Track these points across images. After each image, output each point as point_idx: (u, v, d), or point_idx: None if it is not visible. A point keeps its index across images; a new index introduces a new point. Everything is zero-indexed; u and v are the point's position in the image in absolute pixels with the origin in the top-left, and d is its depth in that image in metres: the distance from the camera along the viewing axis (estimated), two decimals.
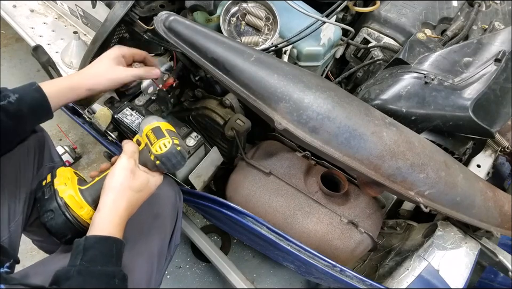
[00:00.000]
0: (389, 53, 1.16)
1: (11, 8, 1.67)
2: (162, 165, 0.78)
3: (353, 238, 1.01)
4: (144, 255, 0.82)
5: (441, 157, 0.82)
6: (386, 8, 1.19)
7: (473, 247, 0.94)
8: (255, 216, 0.94)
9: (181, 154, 0.78)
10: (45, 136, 0.96)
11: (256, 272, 1.56)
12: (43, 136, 0.95)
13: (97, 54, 1.00)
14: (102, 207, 0.70)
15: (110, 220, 0.69)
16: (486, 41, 1.01)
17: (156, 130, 0.80)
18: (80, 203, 0.74)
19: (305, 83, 0.77)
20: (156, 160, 0.77)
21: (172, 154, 0.77)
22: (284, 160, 1.10)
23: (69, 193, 0.74)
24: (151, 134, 0.79)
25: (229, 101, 1.07)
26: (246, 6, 1.04)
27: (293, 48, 1.08)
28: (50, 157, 0.96)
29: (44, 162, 0.94)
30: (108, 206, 0.70)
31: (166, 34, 0.83)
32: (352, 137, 0.75)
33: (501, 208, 0.88)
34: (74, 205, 0.73)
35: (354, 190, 1.08)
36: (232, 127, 1.03)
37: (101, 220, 0.69)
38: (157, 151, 0.76)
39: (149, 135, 0.79)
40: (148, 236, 0.86)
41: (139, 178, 0.75)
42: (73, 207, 0.73)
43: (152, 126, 0.80)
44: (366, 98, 0.99)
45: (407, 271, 0.92)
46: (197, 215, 1.69)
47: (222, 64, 0.79)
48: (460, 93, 0.92)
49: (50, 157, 0.97)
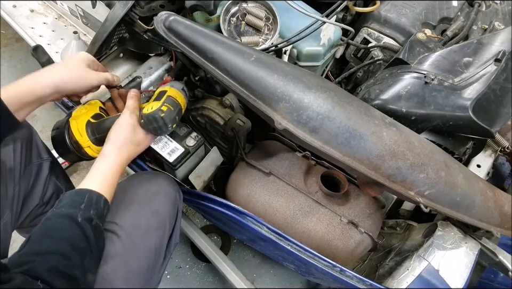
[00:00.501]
0: (389, 53, 1.16)
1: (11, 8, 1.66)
2: (144, 124, 0.83)
3: (353, 238, 1.01)
4: (140, 249, 0.83)
5: (441, 157, 0.82)
6: (386, 8, 1.19)
7: (473, 247, 0.94)
8: (255, 216, 0.94)
9: (163, 121, 0.82)
10: (32, 133, 0.95)
11: (256, 272, 1.56)
12: (30, 133, 0.95)
13: (97, 54, 1.00)
14: (107, 154, 0.80)
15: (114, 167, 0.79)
16: (486, 41, 1.01)
17: (161, 93, 0.86)
18: (80, 131, 0.85)
19: (305, 83, 0.77)
20: (141, 118, 0.83)
21: (153, 118, 0.81)
22: (283, 160, 1.10)
23: (76, 120, 0.86)
24: (155, 95, 0.87)
25: (229, 101, 1.07)
26: (246, 6, 1.04)
27: (293, 48, 1.08)
28: (38, 154, 0.96)
29: (32, 159, 0.94)
30: (113, 154, 0.80)
31: (166, 34, 0.83)
32: (352, 137, 0.75)
33: (501, 208, 0.88)
34: (75, 130, 0.85)
35: (354, 190, 1.08)
36: (232, 127, 1.03)
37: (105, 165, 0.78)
38: (144, 110, 0.83)
39: (154, 95, 0.87)
40: (146, 231, 0.86)
41: (139, 132, 0.85)
42: (74, 131, 0.85)
43: (162, 89, 0.88)
44: (366, 98, 0.99)
45: (407, 271, 0.92)
46: (197, 215, 1.69)
47: (222, 64, 0.79)
48: (459, 93, 0.92)
49: (38, 153, 0.96)
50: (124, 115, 0.85)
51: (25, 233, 1.10)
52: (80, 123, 0.86)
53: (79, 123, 0.85)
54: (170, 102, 0.84)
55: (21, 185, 0.90)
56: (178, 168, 1.02)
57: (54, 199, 1.01)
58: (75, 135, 0.85)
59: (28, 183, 0.93)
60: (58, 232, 0.66)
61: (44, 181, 0.97)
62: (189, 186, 1.10)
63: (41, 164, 0.96)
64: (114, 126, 0.84)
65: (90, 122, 0.87)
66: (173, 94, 0.87)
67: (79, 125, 0.85)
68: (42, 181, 0.97)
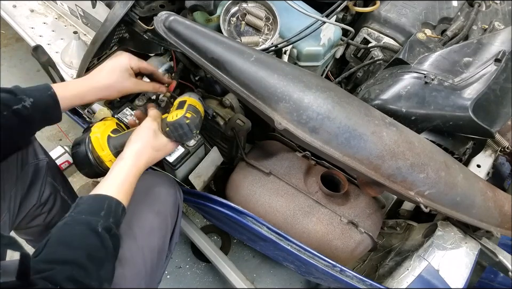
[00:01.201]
0: (389, 53, 1.16)
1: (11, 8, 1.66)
2: (170, 132, 0.85)
3: (353, 238, 1.01)
4: (144, 249, 0.83)
5: (441, 157, 0.82)
6: (386, 8, 1.19)
7: (473, 247, 0.94)
8: (255, 216, 0.94)
9: (188, 127, 0.84)
10: None
11: (256, 272, 1.56)
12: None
13: (97, 54, 1.00)
14: (125, 156, 0.79)
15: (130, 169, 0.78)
16: (486, 41, 1.01)
17: (181, 103, 0.89)
18: (102, 146, 0.86)
19: (305, 83, 0.77)
20: (166, 126, 0.85)
21: (178, 125, 0.83)
22: (283, 160, 1.10)
23: (97, 135, 0.87)
24: (176, 105, 0.89)
25: (229, 101, 1.07)
26: (246, 6, 1.04)
27: (293, 48, 1.08)
28: (34, 154, 0.96)
29: (29, 160, 0.94)
30: (131, 157, 0.79)
31: (166, 34, 0.83)
32: (352, 137, 0.75)
33: (501, 208, 0.88)
34: (97, 145, 0.86)
35: (354, 190, 1.08)
36: (232, 127, 1.03)
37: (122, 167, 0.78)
38: (169, 119, 0.85)
39: (174, 105, 0.89)
40: (150, 232, 0.86)
41: (160, 138, 0.85)
42: (96, 146, 0.86)
43: (181, 99, 0.90)
44: (366, 98, 0.99)
45: (407, 271, 0.92)
46: (197, 215, 1.69)
47: (222, 64, 0.79)
48: (459, 93, 0.92)
49: (35, 154, 0.96)
50: (145, 121, 0.86)
51: (23, 234, 1.09)
52: (102, 139, 0.87)
53: (101, 139, 0.87)
54: (192, 110, 0.87)
55: (17, 186, 0.90)
56: (178, 168, 1.02)
57: (52, 200, 1.02)
58: (97, 150, 0.86)
59: (25, 184, 0.93)
60: (77, 240, 0.65)
61: (41, 182, 0.97)
62: (189, 186, 1.10)
63: (37, 164, 0.96)
64: (135, 131, 0.85)
65: (110, 137, 0.88)
66: (192, 102, 0.89)
67: (101, 141, 0.86)
68: (39, 181, 0.97)
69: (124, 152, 0.81)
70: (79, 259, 0.62)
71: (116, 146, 0.87)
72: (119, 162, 0.79)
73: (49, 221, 1.03)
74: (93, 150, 0.86)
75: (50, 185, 1.00)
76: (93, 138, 0.87)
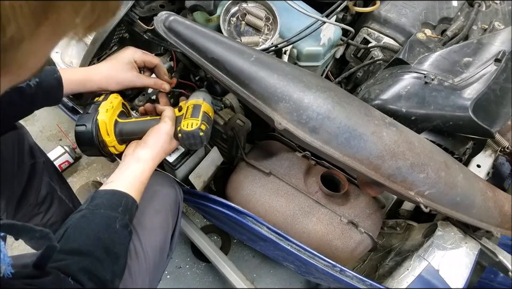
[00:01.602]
0: (389, 53, 1.16)
1: None
2: (182, 139, 0.85)
3: (353, 238, 1.01)
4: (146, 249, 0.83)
5: (441, 157, 0.82)
6: (386, 8, 1.19)
7: (473, 247, 0.94)
8: (255, 216, 0.94)
9: (200, 139, 0.85)
10: (25, 133, 0.96)
11: (256, 272, 1.56)
12: (22, 133, 0.95)
13: (97, 54, 1.00)
14: (142, 159, 0.80)
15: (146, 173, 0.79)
16: (486, 41, 1.01)
17: (196, 107, 0.87)
18: (108, 131, 0.85)
19: (305, 83, 0.77)
20: (179, 133, 0.85)
21: (192, 136, 0.84)
22: (283, 160, 1.10)
23: (103, 118, 0.84)
24: (190, 109, 0.87)
25: (229, 101, 1.07)
26: (246, 6, 1.04)
27: (293, 48, 1.08)
28: (30, 154, 0.96)
29: (24, 159, 0.94)
30: (148, 160, 0.80)
31: (166, 34, 0.83)
32: (352, 137, 0.75)
33: (501, 208, 0.88)
34: (103, 130, 0.84)
35: (354, 190, 1.08)
36: (232, 127, 1.03)
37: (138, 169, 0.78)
38: (184, 126, 0.84)
39: (189, 108, 0.88)
40: (151, 230, 0.86)
41: (172, 143, 0.87)
42: (102, 131, 0.84)
43: (196, 102, 0.88)
44: (366, 98, 0.99)
45: (407, 271, 0.92)
46: (197, 215, 1.69)
47: (222, 64, 0.79)
48: (459, 93, 0.92)
49: (31, 154, 0.96)
50: (165, 124, 0.85)
51: None
52: (109, 124, 0.86)
53: (108, 124, 0.85)
54: (207, 120, 0.86)
55: (14, 186, 0.90)
56: (178, 168, 1.02)
57: (49, 199, 1.02)
58: (102, 134, 0.85)
59: (22, 184, 0.93)
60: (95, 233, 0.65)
61: (37, 181, 0.97)
62: (189, 186, 1.10)
63: (34, 164, 0.96)
64: (153, 132, 0.84)
65: (117, 122, 0.88)
66: (207, 109, 0.88)
67: (108, 126, 0.85)
68: (35, 181, 0.97)
69: (140, 153, 0.81)
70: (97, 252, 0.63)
71: (122, 133, 0.88)
72: (135, 164, 0.79)
73: (46, 220, 1.03)
74: (98, 134, 0.85)
75: (47, 185, 1.00)
76: (100, 122, 0.85)
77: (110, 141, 0.86)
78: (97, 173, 1.78)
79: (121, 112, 0.91)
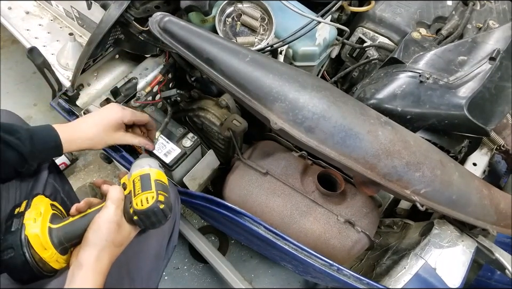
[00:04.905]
0: (384, 52, 1.17)
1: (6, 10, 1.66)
2: (140, 221, 0.69)
3: (350, 237, 1.01)
4: (140, 255, 0.82)
5: (436, 156, 0.83)
6: (381, 7, 1.19)
7: (470, 245, 0.94)
8: (252, 216, 0.94)
9: (162, 213, 0.69)
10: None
11: (254, 272, 1.56)
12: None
13: (93, 55, 1.00)
14: (84, 263, 0.65)
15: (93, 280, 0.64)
16: (481, 40, 1.01)
17: (144, 178, 0.72)
18: (44, 245, 0.65)
19: (301, 83, 0.77)
20: (134, 215, 0.69)
21: (152, 212, 0.68)
22: (280, 160, 1.10)
23: (35, 231, 0.65)
24: (138, 182, 0.71)
25: (225, 101, 1.07)
26: (241, 7, 1.04)
27: (289, 48, 1.08)
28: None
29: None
30: (91, 264, 0.64)
31: (161, 35, 0.83)
32: (347, 136, 0.75)
33: (497, 206, 0.89)
34: (37, 246, 0.65)
35: (350, 189, 1.08)
36: (229, 127, 1.03)
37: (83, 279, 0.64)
38: (137, 205, 0.68)
39: (135, 182, 0.71)
40: (146, 236, 0.86)
41: (123, 231, 0.69)
42: (36, 247, 0.65)
43: (142, 173, 0.73)
44: (361, 98, 1.00)
45: (404, 270, 0.92)
46: (195, 216, 1.69)
47: (218, 65, 0.79)
48: (454, 91, 0.92)
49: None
50: (107, 210, 0.68)
51: None
52: (43, 235, 0.66)
53: (41, 236, 0.65)
54: (162, 188, 0.71)
55: (21, 188, 0.90)
56: (174, 169, 1.02)
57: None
58: (38, 251, 0.65)
59: (28, 186, 0.93)
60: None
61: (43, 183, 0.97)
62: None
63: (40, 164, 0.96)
64: (91, 225, 0.68)
65: (52, 229, 0.68)
66: (158, 176, 0.73)
67: (42, 238, 0.65)
68: (41, 182, 0.97)
69: (81, 256, 0.65)
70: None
71: (61, 241, 0.67)
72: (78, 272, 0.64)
73: None
74: (33, 253, 0.64)
75: (51, 186, 1.00)
76: (31, 237, 0.64)
77: (50, 256, 0.66)
78: (94, 174, 1.78)
79: (53, 216, 0.71)
